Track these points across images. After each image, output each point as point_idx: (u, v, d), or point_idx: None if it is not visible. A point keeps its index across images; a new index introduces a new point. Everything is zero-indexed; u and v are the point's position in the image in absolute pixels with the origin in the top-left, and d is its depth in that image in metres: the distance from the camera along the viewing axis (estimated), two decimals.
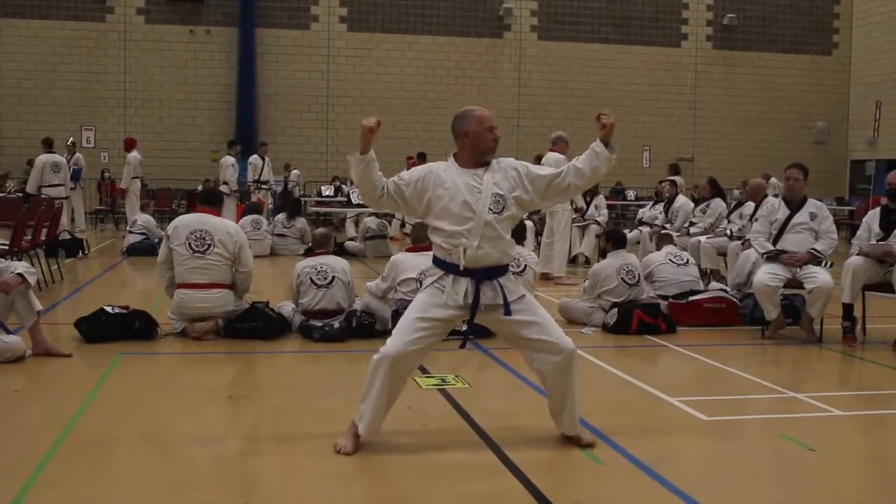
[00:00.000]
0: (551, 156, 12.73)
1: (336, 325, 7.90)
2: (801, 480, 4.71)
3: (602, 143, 5.01)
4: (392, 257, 8.62)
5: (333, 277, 8.18)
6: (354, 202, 17.51)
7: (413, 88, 26.45)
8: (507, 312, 4.90)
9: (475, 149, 5.09)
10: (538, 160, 17.23)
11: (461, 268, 4.88)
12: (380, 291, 8.34)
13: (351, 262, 9.50)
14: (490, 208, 4.92)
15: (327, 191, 22.27)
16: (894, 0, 26.55)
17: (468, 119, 5.15)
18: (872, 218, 8.57)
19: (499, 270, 5.02)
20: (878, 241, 8.30)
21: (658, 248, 10.16)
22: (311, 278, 8.16)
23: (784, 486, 4.56)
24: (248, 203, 16.87)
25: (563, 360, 4.93)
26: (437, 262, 5.06)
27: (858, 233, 8.70)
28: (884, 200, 8.79)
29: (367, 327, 8.02)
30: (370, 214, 16.63)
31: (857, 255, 8.26)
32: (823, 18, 28.56)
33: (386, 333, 8.04)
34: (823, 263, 8.41)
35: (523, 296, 5.06)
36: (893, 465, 5.09)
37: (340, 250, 14.48)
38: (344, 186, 21.99)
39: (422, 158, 19.75)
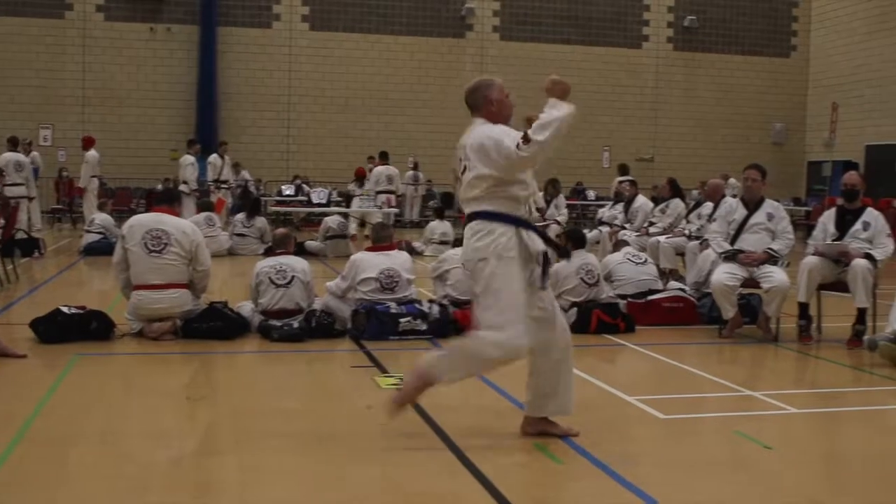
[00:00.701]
0: None
1: (295, 324, 7.87)
2: (757, 478, 4.75)
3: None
4: (352, 257, 8.60)
5: (293, 277, 8.15)
6: (315, 202, 17.43)
7: (375, 88, 26.40)
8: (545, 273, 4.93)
9: (500, 115, 5.19)
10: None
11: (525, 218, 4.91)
12: (339, 291, 8.32)
13: (311, 262, 9.48)
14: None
15: (288, 190, 22.15)
16: (851, 4, 26.86)
17: (491, 87, 5.26)
18: (828, 218, 8.67)
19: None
20: (834, 241, 8.40)
21: (615, 251, 10.22)
22: (270, 278, 8.13)
23: (741, 484, 4.60)
24: (200, 201, 16.72)
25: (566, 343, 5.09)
26: (505, 217, 4.90)
27: (814, 233, 8.80)
28: (839, 201, 8.90)
29: (326, 327, 8.00)
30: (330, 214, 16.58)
31: (813, 254, 8.35)
32: (782, 21, 28.85)
33: (345, 333, 8.06)
34: (780, 263, 8.49)
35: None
36: (848, 462, 5.15)
37: (300, 250, 14.43)
38: (305, 186, 21.90)
39: (384, 158, 19.72)
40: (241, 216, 16.31)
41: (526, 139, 4.83)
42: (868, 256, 8.12)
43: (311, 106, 26.09)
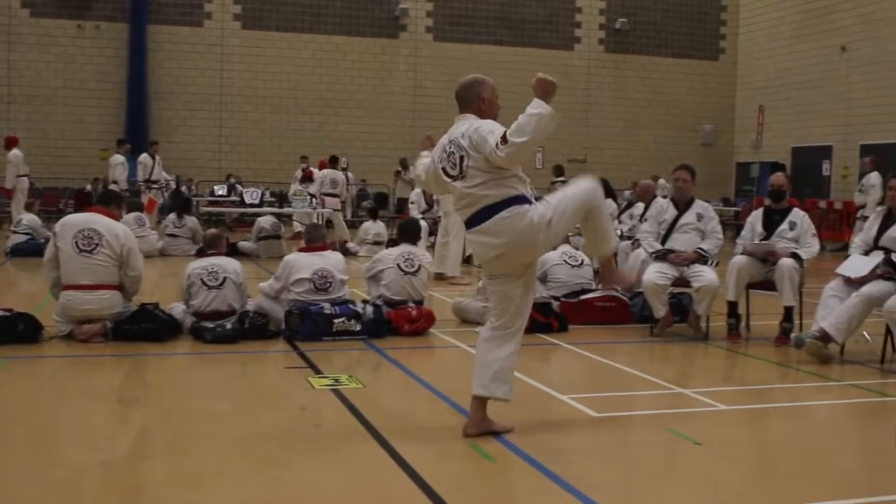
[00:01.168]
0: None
1: (228, 325, 7.81)
2: (687, 474, 4.83)
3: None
4: (285, 257, 8.55)
5: (225, 279, 8.08)
6: (247, 202, 17.29)
7: (308, 88, 26.26)
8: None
9: (489, 114, 5.28)
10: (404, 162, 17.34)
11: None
12: (273, 292, 8.27)
13: (244, 263, 9.42)
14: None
15: (220, 190, 21.95)
16: (778, 9, 27.37)
17: (485, 86, 5.37)
18: (756, 218, 8.83)
19: None
20: (761, 240, 8.56)
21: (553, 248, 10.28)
22: (202, 279, 8.05)
23: (671, 480, 4.67)
24: (129, 201, 16.47)
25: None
26: (522, 198, 5.08)
27: (743, 233, 8.96)
28: (767, 201, 9.07)
29: (259, 328, 7.94)
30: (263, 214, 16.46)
31: (741, 254, 8.50)
32: (711, 25, 29.30)
33: (279, 334, 8.02)
34: (710, 262, 8.63)
35: None
36: (775, 457, 5.26)
37: (233, 251, 14.30)
38: (238, 185, 21.72)
39: (334, 163, 19.54)
40: (172, 216, 16.13)
41: (504, 140, 4.90)
42: (794, 256, 8.28)
43: (244, 105, 25.88)
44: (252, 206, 17.09)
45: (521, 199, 5.05)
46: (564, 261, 9.66)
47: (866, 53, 24.10)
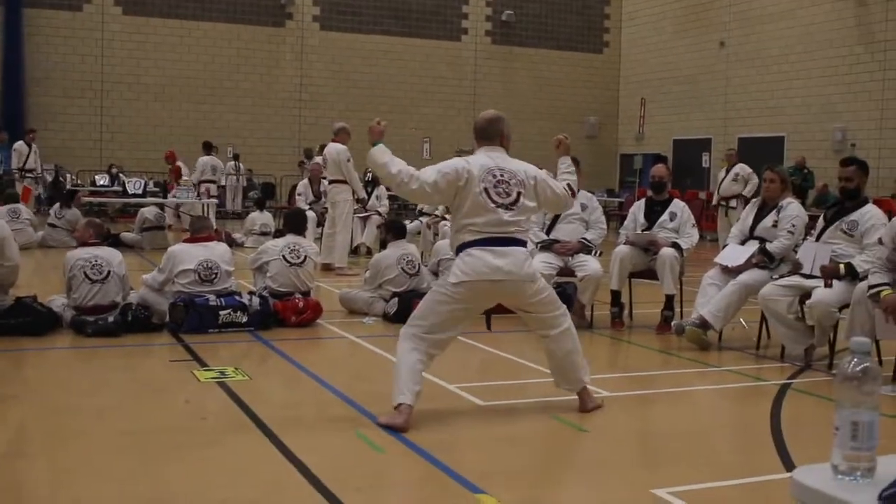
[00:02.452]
0: (333, 146, 12.76)
1: (110, 319, 7.64)
2: (572, 460, 4.93)
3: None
4: (169, 248, 8.40)
5: (109, 272, 7.86)
6: (130, 192, 16.92)
7: (192, 76, 25.78)
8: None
9: (507, 149, 5.65)
10: (321, 149, 17.24)
11: None
12: (157, 284, 8.12)
13: (126, 254, 9.23)
14: None
15: (102, 180, 21.41)
16: (659, 4, 27.98)
17: (505, 123, 5.71)
18: (638, 209, 9.03)
19: None
20: (643, 230, 8.76)
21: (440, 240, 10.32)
22: (85, 273, 7.82)
23: (557, 466, 4.76)
24: (5, 193, 15.95)
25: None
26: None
27: (625, 223, 9.16)
28: (649, 192, 9.28)
29: (142, 321, 7.79)
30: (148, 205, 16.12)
31: (624, 244, 8.69)
32: (595, 18, 29.78)
33: (163, 327, 7.88)
34: (593, 252, 8.79)
35: None
36: (657, 442, 5.40)
37: (116, 242, 13.98)
38: (121, 175, 21.22)
39: (208, 149, 19.16)
40: (55, 207, 15.69)
41: (573, 192, 5.76)
42: (675, 245, 8.50)
43: (126, 93, 25.26)
44: (135, 196, 16.73)
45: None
46: None
47: (743, 49, 24.83)
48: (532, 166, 5.61)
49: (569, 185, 5.68)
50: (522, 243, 5.42)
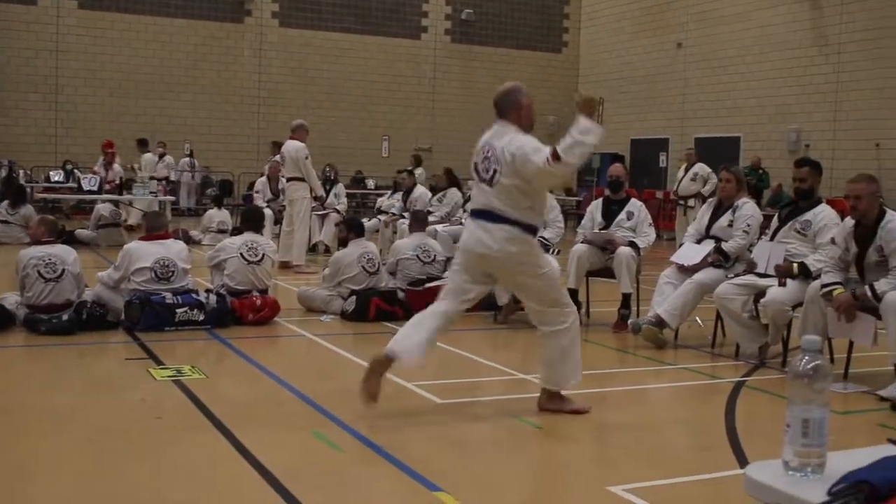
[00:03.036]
0: (291, 144, 12.71)
1: (65, 317, 7.55)
2: (529, 457, 4.95)
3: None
4: (125, 246, 8.32)
5: (63, 270, 7.76)
6: (85, 189, 16.74)
7: (150, 72, 25.52)
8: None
9: (527, 120, 5.51)
10: (277, 147, 17.16)
11: None
12: (112, 281, 8.04)
13: (82, 252, 9.14)
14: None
15: (56, 176, 21.16)
16: (618, 4, 28.14)
17: (521, 93, 5.57)
18: (595, 208, 9.09)
19: None
20: (601, 229, 8.82)
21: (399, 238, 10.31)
22: (38, 271, 7.71)
23: (514, 463, 4.77)
24: None
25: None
26: (535, 230, 5.47)
27: (583, 222, 9.21)
28: (606, 191, 9.34)
29: (98, 319, 7.71)
30: (103, 202, 15.96)
31: (582, 242, 8.74)
32: (554, 18, 29.89)
33: (118, 325, 7.80)
34: (551, 251, 8.83)
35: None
36: (613, 439, 5.44)
37: (71, 239, 13.83)
38: (77, 171, 20.98)
39: (143, 146, 19.00)
40: (4, 204, 15.48)
41: (556, 156, 5.08)
42: (632, 244, 8.57)
43: (82, 88, 24.96)
44: (90, 192, 16.56)
45: (530, 230, 5.40)
46: (417, 256, 9.63)
47: (700, 51, 25.04)
48: (522, 140, 5.34)
49: (554, 149, 5.11)
50: (508, 220, 5.27)
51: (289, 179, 13.00)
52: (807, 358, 1.88)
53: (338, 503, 4.03)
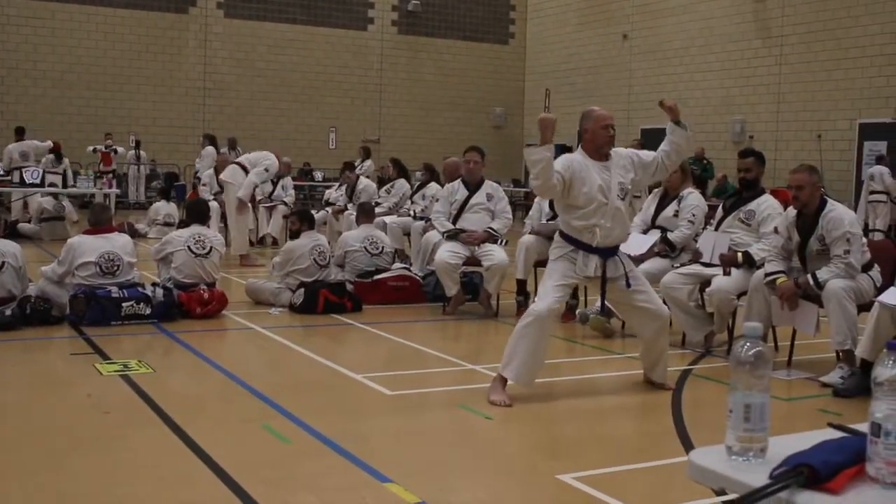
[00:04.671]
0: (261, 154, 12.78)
1: (7, 311, 7.44)
2: (478, 447, 4.98)
3: (673, 123, 5.99)
4: (69, 240, 8.22)
5: (3, 263, 7.62)
6: (28, 182, 16.46)
7: (92, 62, 25.17)
8: (628, 285, 5.85)
9: (594, 143, 5.80)
10: (209, 140, 17.09)
11: (594, 245, 5.74)
12: (56, 276, 7.93)
13: (24, 245, 9.00)
14: (618, 195, 5.77)
15: None
16: None
17: (587, 118, 5.85)
18: (543, 199, 9.12)
19: (617, 247, 5.94)
20: (549, 220, 8.85)
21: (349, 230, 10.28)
22: None
23: (462, 454, 4.80)
24: None
25: (663, 324, 6.00)
26: (568, 238, 5.83)
27: (531, 213, 9.25)
28: None
29: (42, 313, 7.61)
30: (44, 195, 15.71)
31: (530, 233, 8.79)
32: (501, 9, 29.95)
33: (63, 319, 7.70)
34: (499, 242, 8.87)
35: (633, 269, 6.00)
36: (563, 428, 5.48)
37: (13, 232, 13.65)
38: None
39: (19, 134, 18.64)
40: None
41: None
42: None
43: (22, 80, 24.56)
44: (33, 185, 16.30)
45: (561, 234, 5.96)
46: (365, 248, 9.62)
47: (646, 42, 25.26)
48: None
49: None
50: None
51: (233, 162, 12.97)
52: (748, 344, 1.91)
53: (287, 495, 4.02)
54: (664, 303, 7.66)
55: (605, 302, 6.17)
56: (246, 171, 12.72)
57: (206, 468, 4.29)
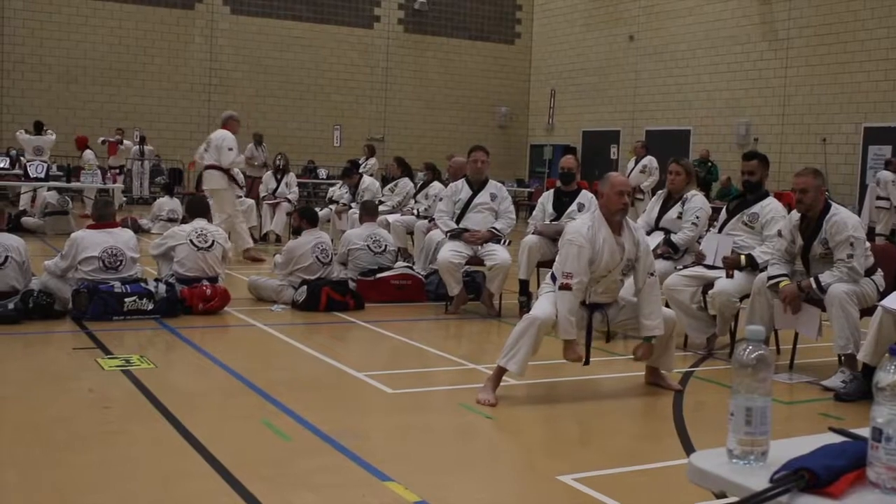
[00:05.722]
0: (221, 132, 12.48)
1: (10, 305, 7.44)
2: (479, 446, 4.98)
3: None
4: (72, 235, 8.22)
5: (6, 257, 7.64)
6: (32, 175, 16.48)
7: (98, 57, 25.18)
8: (607, 339, 6.45)
9: (608, 208, 5.82)
10: (258, 139, 16.98)
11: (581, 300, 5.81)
12: (59, 270, 7.93)
13: (28, 239, 9.01)
14: (621, 271, 5.85)
15: (2, 163, 20.81)
16: None
17: (604, 182, 5.90)
18: (547, 199, 9.13)
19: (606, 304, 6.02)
20: (552, 220, 8.85)
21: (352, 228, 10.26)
22: None
23: (462, 453, 4.79)
24: None
25: (668, 326, 5.99)
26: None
27: (534, 213, 9.25)
28: (558, 183, 9.39)
29: (44, 308, 7.62)
30: (50, 189, 15.73)
31: (533, 233, 8.78)
32: (507, 9, 29.93)
33: (66, 314, 7.71)
34: (502, 241, 8.87)
35: (622, 307, 6.06)
36: (562, 428, 5.48)
37: (17, 226, 13.67)
38: (22, 158, 20.64)
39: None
40: None
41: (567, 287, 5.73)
42: None
43: (28, 74, 24.58)
44: (37, 179, 16.32)
45: None
46: (368, 246, 9.61)
47: (651, 44, 25.24)
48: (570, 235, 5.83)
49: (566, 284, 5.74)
50: None
51: (207, 167, 12.64)
52: (750, 347, 1.91)
53: (286, 493, 4.02)
54: (667, 305, 7.67)
55: (590, 352, 6.14)
56: (220, 169, 12.41)
57: (206, 464, 4.29)
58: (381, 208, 12.66)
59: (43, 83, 24.69)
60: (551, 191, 9.27)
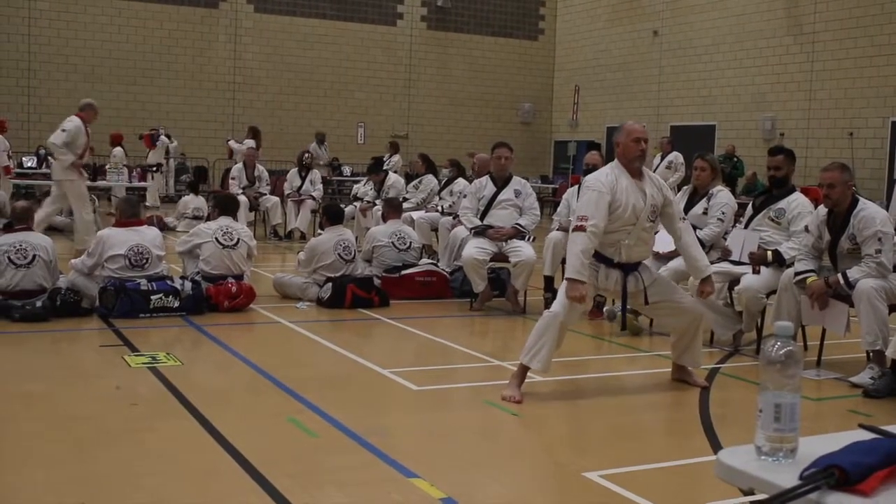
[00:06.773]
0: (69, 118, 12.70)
1: (38, 303, 7.50)
2: (505, 443, 4.97)
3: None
4: (98, 233, 8.28)
5: (34, 256, 7.71)
6: None
7: (123, 57, 25.31)
8: (646, 302, 5.98)
9: (625, 156, 5.87)
10: (254, 132, 17.11)
11: (615, 261, 5.84)
12: (86, 269, 7.99)
13: (55, 238, 9.07)
14: (648, 216, 5.83)
15: (30, 162, 20.98)
16: None
17: (619, 132, 5.98)
18: (571, 195, 9.09)
19: (640, 263, 6.00)
20: None
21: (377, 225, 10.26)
22: (9, 257, 7.65)
23: (488, 450, 4.79)
24: None
25: (695, 317, 6.06)
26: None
27: (559, 209, 9.23)
28: (582, 179, 9.34)
29: (72, 305, 7.67)
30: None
31: (557, 230, 8.76)
32: (530, 5, 29.85)
33: (93, 311, 7.76)
34: (527, 238, 8.85)
35: (655, 279, 6.05)
36: (588, 425, 5.47)
37: (46, 226, 13.71)
38: (50, 158, 20.78)
39: None
40: None
41: (580, 228, 5.66)
42: None
43: (55, 73, 24.73)
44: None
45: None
46: (392, 243, 9.61)
47: (676, 39, 25.10)
48: (588, 182, 5.88)
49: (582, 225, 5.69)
50: None
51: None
52: (779, 344, 1.89)
53: (312, 489, 4.03)
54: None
55: (627, 311, 6.16)
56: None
57: (233, 461, 4.31)
58: (405, 205, 12.66)
59: (69, 82, 24.83)
60: (576, 187, 9.23)
